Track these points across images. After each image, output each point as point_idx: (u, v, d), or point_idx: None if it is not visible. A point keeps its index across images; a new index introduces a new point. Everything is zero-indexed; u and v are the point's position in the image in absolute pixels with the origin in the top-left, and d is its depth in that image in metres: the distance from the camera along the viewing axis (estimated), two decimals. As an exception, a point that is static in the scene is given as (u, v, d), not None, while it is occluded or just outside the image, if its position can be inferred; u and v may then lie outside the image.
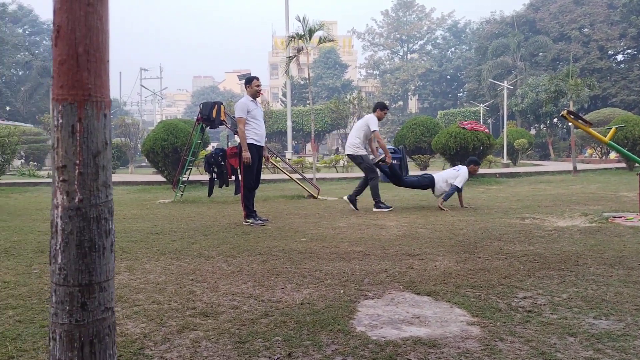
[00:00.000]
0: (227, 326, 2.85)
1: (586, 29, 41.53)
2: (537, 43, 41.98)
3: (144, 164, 29.81)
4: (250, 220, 6.82)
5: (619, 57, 43.34)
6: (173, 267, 4.31)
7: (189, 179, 11.46)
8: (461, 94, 60.93)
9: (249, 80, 7.11)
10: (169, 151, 13.48)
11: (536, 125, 39.86)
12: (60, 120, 1.45)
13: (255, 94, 7.07)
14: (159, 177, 15.53)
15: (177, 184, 10.77)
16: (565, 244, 5.08)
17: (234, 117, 8.88)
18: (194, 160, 11.22)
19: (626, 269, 3.97)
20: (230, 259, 4.60)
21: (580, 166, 18.02)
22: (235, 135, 9.43)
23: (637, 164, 7.09)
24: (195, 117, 10.81)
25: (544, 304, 3.17)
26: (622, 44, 40.05)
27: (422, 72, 58.37)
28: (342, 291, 3.52)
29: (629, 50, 41.77)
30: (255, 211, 6.97)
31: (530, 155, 29.87)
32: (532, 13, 45.87)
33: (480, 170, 16.75)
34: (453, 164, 15.11)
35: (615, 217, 6.57)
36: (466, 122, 14.92)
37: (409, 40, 64.68)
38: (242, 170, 6.97)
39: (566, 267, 4.11)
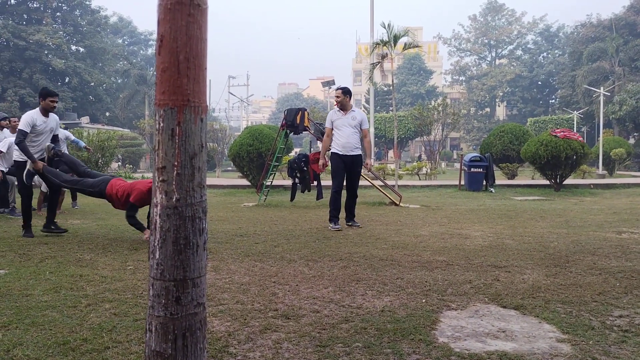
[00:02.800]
0: (307, 329, 2.89)
1: (696, 30, 38.26)
2: (637, 47, 39.19)
3: (230, 168, 30.89)
4: (331, 224, 6.99)
5: None
6: (256, 269, 4.43)
7: (273, 184, 11.74)
8: (553, 101, 58.06)
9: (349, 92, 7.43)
10: (254, 156, 13.89)
11: (635, 134, 37.16)
12: (162, 124, 1.55)
13: (342, 105, 7.30)
14: (244, 181, 16.03)
15: (261, 188, 11.06)
16: (670, 262, 4.69)
17: (318, 123, 9.04)
18: (278, 165, 11.47)
19: None
20: (311, 263, 4.66)
21: (687, 179, 16.59)
22: (318, 141, 9.59)
23: None
24: (280, 123, 11.06)
25: (645, 325, 2.94)
26: None
27: (511, 77, 56.20)
28: (424, 300, 3.46)
29: None
30: (334, 215, 7.10)
31: (628, 165, 27.89)
32: (633, 15, 42.88)
33: (574, 181, 15.89)
34: (543, 174, 14.43)
35: None
36: (559, 130, 14.19)
37: (498, 45, 62.54)
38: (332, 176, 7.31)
39: (670, 286, 3.80)
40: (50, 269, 4.40)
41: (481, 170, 14.20)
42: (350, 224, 7.29)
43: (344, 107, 7.25)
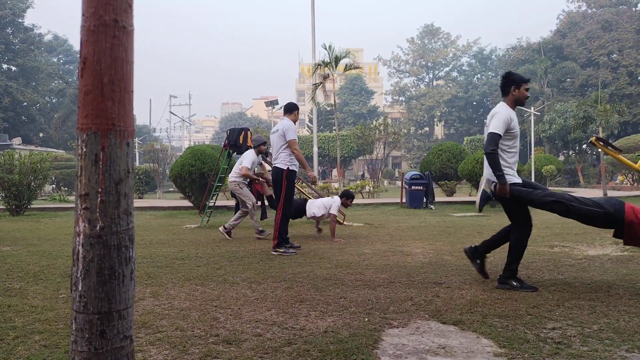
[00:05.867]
0: (249, 354, 2.83)
1: (615, 55, 41.00)
2: (564, 69, 41.58)
3: (172, 189, 30.20)
4: (281, 250, 6.55)
5: (650, 83, 42.51)
6: (197, 293, 4.31)
7: (216, 205, 11.56)
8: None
9: (297, 108, 7.17)
10: (196, 177, 13.65)
11: (564, 151, 39.21)
12: (85, 149, 1.48)
13: (295, 121, 7.13)
14: (186, 203, 15.70)
15: (204, 209, 10.86)
16: (596, 273, 4.93)
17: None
18: (221, 185, 11.33)
19: (662, 300, 3.83)
20: (254, 285, 4.59)
21: (611, 193, 17.60)
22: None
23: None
24: (223, 143, 10.95)
25: (574, 335, 3.06)
26: (652, 69, 39.34)
27: (447, 98, 58.23)
28: (366, 319, 3.47)
29: (661, 75, 40.96)
30: (287, 238, 6.86)
31: (559, 181, 29.32)
32: (559, 39, 45.56)
33: (508, 197, 16.51)
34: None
35: (649, 246, 6.35)
36: (493, 148, 14.75)
37: (435, 67, 64.75)
38: (283, 197, 6.69)
39: (597, 297, 3.98)
40: (-27, 301, 4.12)
41: (421, 188, 14.54)
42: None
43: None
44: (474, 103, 61.13)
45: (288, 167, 6.67)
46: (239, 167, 8.45)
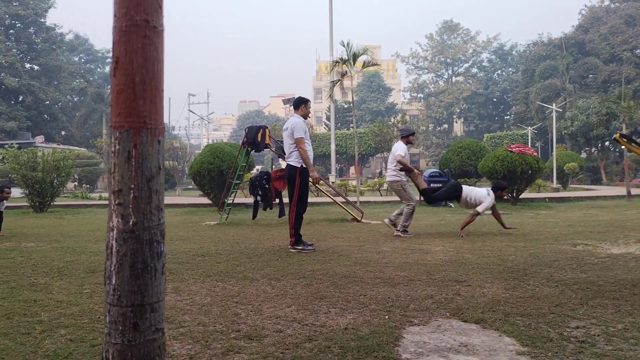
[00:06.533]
0: (271, 350, 2.86)
1: (638, 50, 40.25)
2: (586, 65, 40.97)
3: (191, 187, 30.47)
4: (300, 247, 6.56)
5: (675, 78, 41.64)
6: (218, 289, 4.36)
7: (234, 202, 11.64)
8: (508, 117, 59.86)
9: (304, 101, 6.93)
10: (215, 174, 13.76)
11: (587, 148, 38.65)
12: (118, 147, 1.52)
13: (306, 115, 7.00)
14: (205, 200, 15.84)
15: (223, 206, 10.95)
16: (620, 271, 4.86)
17: (279, 140, 8.99)
18: (239, 183, 11.40)
19: (688, 300, 3.77)
20: (274, 282, 4.62)
21: (634, 191, 17.31)
22: (280, 159, 9.53)
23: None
24: (241, 141, 11.02)
25: (598, 335, 3.03)
26: (677, 64, 38.57)
27: (467, 95, 57.74)
28: (386, 317, 3.47)
29: (686, 71, 40.09)
30: (301, 235, 6.88)
31: (581, 179, 28.91)
32: (581, 35, 44.87)
33: (530, 195, 16.35)
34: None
35: (674, 245, 6.25)
36: (514, 146, 14.61)
37: (454, 63, 64.23)
38: (297, 195, 6.69)
39: (621, 296, 3.93)
40: (2, 294, 4.22)
41: (440, 185, 14.43)
42: None
43: (306, 118, 7.03)
44: (494, 100, 60.55)
45: (302, 165, 6.67)
46: (394, 160, 8.23)
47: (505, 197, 7.94)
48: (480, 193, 7.97)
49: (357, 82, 58.20)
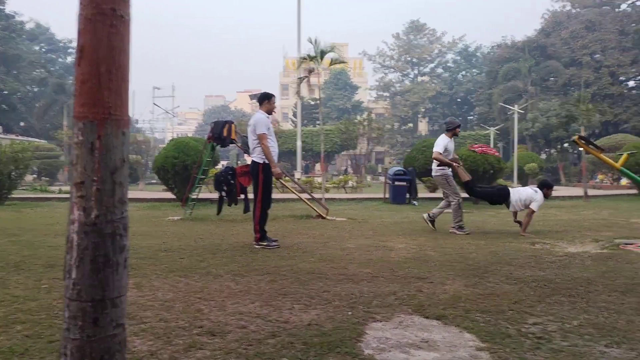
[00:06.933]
0: (234, 346, 2.84)
1: (598, 55, 41.61)
2: (548, 68, 42.08)
3: (155, 181, 29.96)
4: (264, 243, 6.54)
5: (631, 84, 43.28)
6: (181, 285, 4.31)
7: (199, 197, 11.51)
8: (472, 117, 60.94)
9: (268, 97, 6.94)
10: (180, 169, 13.56)
11: (547, 149, 39.75)
12: (81, 138, 1.48)
13: (271, 111, 7.00)
14: (169, 195, 15.60)
15: (187, 201, 10.81)
16: (576, 270, 5.03)
17: (244, 135, 8.92)
18: (204, 178, 11.27)
19: (638, 297, 3.93)
20: (238, 278, 4.60)
21: (591, 192, 17.90)
22: (246, 155, 9.46)
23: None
24: (206, 136, 10.90)
25: (555, 331, 3.13)
26: (633, 70, 40.05)
27: (432, 94, 58.54)
28: (350, 313, 3.50)
29: (641, 77, 41.70)
30: (266, 232, 6.87)
31: (540, 179, 29.68)
32: (543, 38, 46.04)
33: (490, 194, 16.69)
34: (463, 187, 15.05)
35: (627, 244, 6.50)
36: (477, 146, 14.92)
37: (420, 63, 65.00)
38: (260, 191, 6.68)
39: (577, 293, 4.07)
40: (-47, 290, 4.06)
41: (405, 183, 14.63)
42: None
43: (270, 114, 7.00)
44: (458, 100, 61.58)
45: (264, 161, 6.66)
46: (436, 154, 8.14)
47: (551, 196, 7.98)
48: (528, 193, 7.99)
49: (324, 80, 58.25)
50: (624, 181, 24.15)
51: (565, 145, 35.63)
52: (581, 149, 7.88)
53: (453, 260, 5.56)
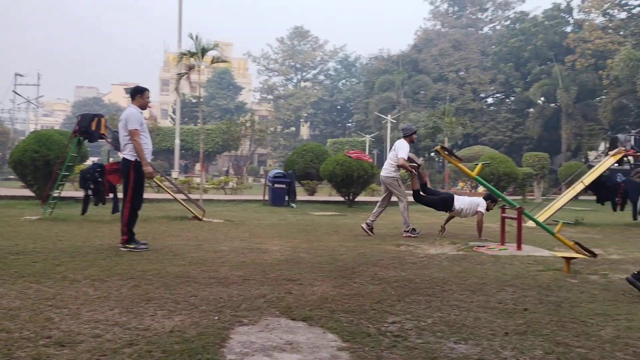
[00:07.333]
0: (85, 357, 2.64)
1: (462, 72, 45.20)
2: (418, 82, 44.87)
3: (13, 177, 27.27)
4: (132, 245, 6.20)
5: (489, 100, 47.57)
6: (31, 292, 3.93)
7: (61, 195, 10.66)
8: (350, 124, 63.13)
9: (141, 91, 6.61)
10: (40, 164, 12.44)
11: (417, 157, 42.27)
12: None
13: (144, 106, 6.68)
14: (28, 192, 14.26)
15: (47, 199, 9.95)
16: (434, 270, 5.37)
17: (116, 131, 8.41)
18: (69, 175, 10.47)
19: (485, 295, 4.28)
20: (97, 284, 4.30)
21: (454, 198, 19.32)
22: (117, 151, 8.92)
23: (499, 199, 7.82)
24: (72, 129, 10.13)
25: (411, 329, 3.30)
26: (492, 88, 44.06)
27: (314, 100, 59.84)
28: (216, 318, 3.42)
29: (498, 95, 46.08)
30: (134, 233, 6.51)
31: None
32: (416, 54, 49.05)
33: (364, 199, 17.37)
34: (339, 191, 15.52)
35: (479, 247, 7.09)
36: (352, 152, 15.46)
37: (303, 68, 66.16)
38: (131, 189, 6.34)
39: (433, 292, 4.34)
40: None
41: (284, 186, 14.75)
42: None
43: (144, 109, 6.70)
44: (338, 107, 63.51)
45: (136, 159, 6.35)
46: (395, 160, 8.42)
47: (490, 209, 8.66)
48: (471, 199, 8.63)
49: (207, 78, 57.09)
50: (481, 189, 26.43)
51: (432, 154, 38.24)
52: (444, 158, 8.50)
53: (324, 262, 5.68)
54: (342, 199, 15.64)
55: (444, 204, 8.62)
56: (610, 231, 9.94)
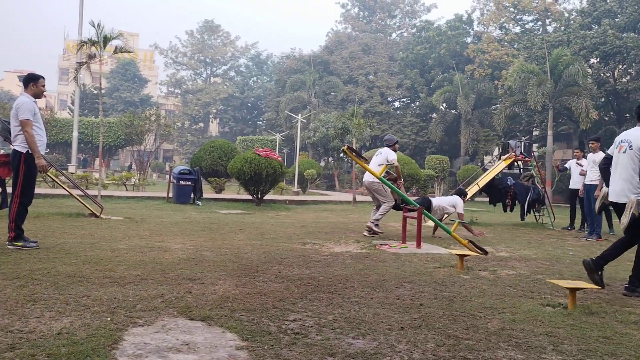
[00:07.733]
0: (-44, 364, 2.41)
1: (371, 76, 46.46)
2: (329, 83, 45.51)
3: None
4: (20, 243, 5.81)
5: (396, 104, 49.30)
6: None
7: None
8: (260, 122, 62.85)
9: (35, 78, 6.17)
10: None
11: (325, 157, 42.94)
12: None
13: (38, 95, 6.21)
14: None
15: None
16: (338, 267, 5.47)
17: (6, 121, 7.76)
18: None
19: (385, 292, 4.42)
20: (-24, 284, 3.95)
21: (359, 197, 19.80)
22: (9, 143, 8.23)
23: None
24: (-47, 117, 9.22)
25: (312, 326, 3.34)
26: (399, 92, 45.65)
27: (224, 96, 58.87)
28: (109, 319, 3.26)
29: (404, 99, 47.86)
30: (23, 230, 6.05)
31: (318, 185, 31.94)
32: (327, 55, 49.75)
33: (272, 197, 17.37)
34: (247, 189, 15.39)
35: (382, 245, 7.33)
36: (261, 150, 15.38)
37: (213, 63, 64.90)
38: (20, 184, 5.89)
39: (335, 289, 4.42)
40: None
41: (189, 183, 14.37)
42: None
43: (38, 97, 6.24)
44: (249, 104, 62.98)
45: (27, 151, 5.92)
46: (383, 162, 8.47)
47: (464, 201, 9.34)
48: (448, 199, 9.16)
49: (110, 68, 54.41)
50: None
51: (341, 154, 38.97)
52: (350, 158, 8.71)
53: (228, 260, 5.60)
54: (250, 197, 15.52)
55: (424, 204, 8.92)
56: (500, 230, 10.67)
